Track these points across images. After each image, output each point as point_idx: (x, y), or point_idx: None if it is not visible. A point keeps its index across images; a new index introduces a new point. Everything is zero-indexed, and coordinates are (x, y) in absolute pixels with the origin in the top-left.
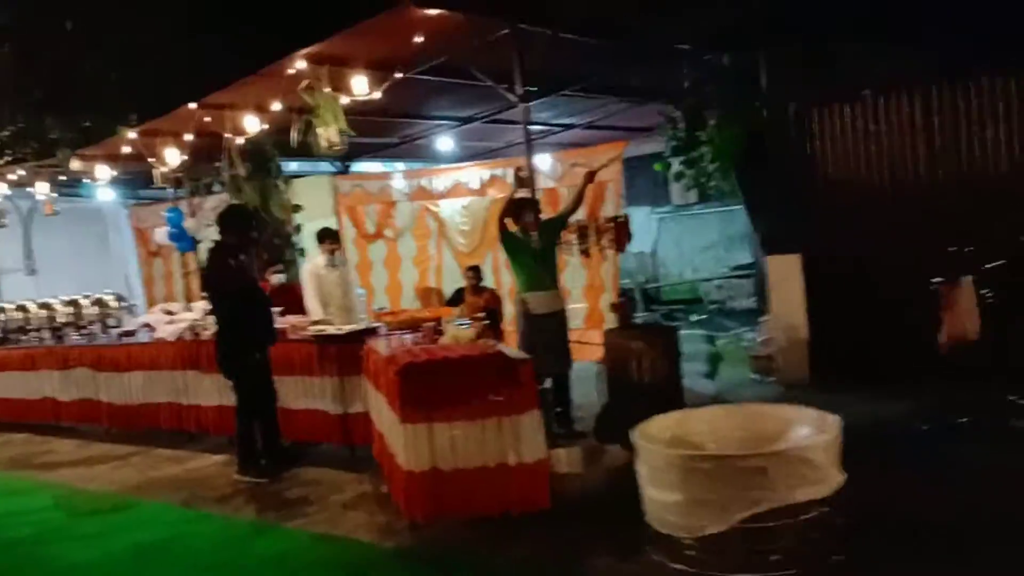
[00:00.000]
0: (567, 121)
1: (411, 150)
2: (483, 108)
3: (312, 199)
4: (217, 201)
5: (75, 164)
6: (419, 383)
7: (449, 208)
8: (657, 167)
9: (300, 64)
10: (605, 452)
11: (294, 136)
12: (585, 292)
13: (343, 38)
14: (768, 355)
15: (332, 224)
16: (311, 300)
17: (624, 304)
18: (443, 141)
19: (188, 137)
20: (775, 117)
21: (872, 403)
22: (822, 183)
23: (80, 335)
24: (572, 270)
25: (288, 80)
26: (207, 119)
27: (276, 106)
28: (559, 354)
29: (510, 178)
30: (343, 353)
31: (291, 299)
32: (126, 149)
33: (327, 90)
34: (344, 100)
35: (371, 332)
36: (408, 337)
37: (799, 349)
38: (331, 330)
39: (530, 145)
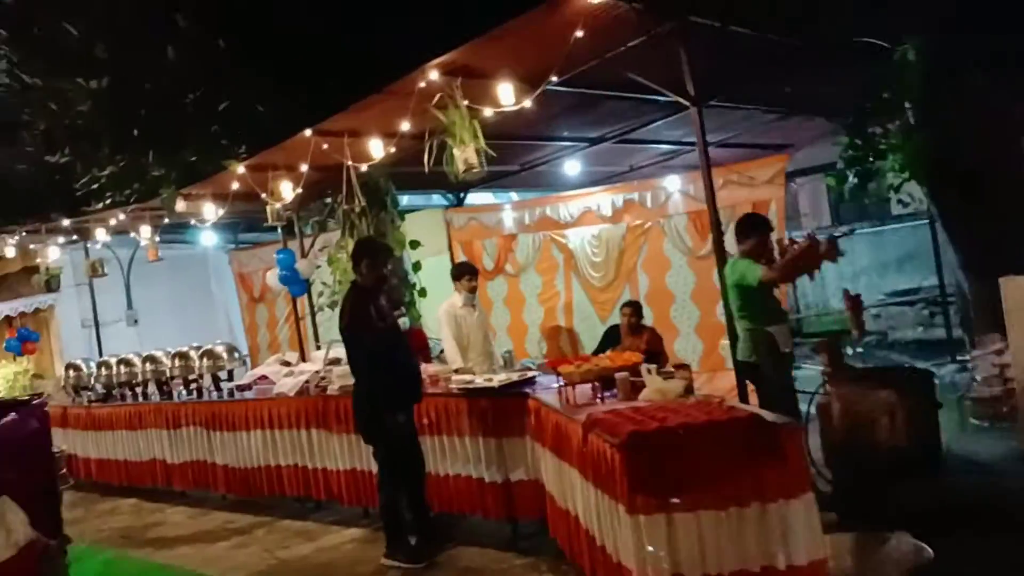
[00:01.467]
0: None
1: (528, 178)
2: (618, 125)
3: (424, 234)
4: (325, 241)
5: (180, 205)
6: (652, 460)
7: (578, 238)
8: (829, 181)
9: (432, 75)
10: (886, 541)
11: (426, 159)
12: None
13: (484, 43)
14: (995, 397)
15: (446, 261)
16: (449, 346)
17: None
18: (570, 165)
19: (303, 168)
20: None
21: None
22: None
23: (190, 390)
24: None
25: (417, 97)
26: (324, 146)
27: (404, 126)
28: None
29: (649, 202)
30: (500, 409)
31: (416, 346)
32: (235, 186)
33: (464, 103)
34: (487, 112)
35: (530, 383)
36: (587, 391)
37: None
38: (479, 381)
39: (706, 154)
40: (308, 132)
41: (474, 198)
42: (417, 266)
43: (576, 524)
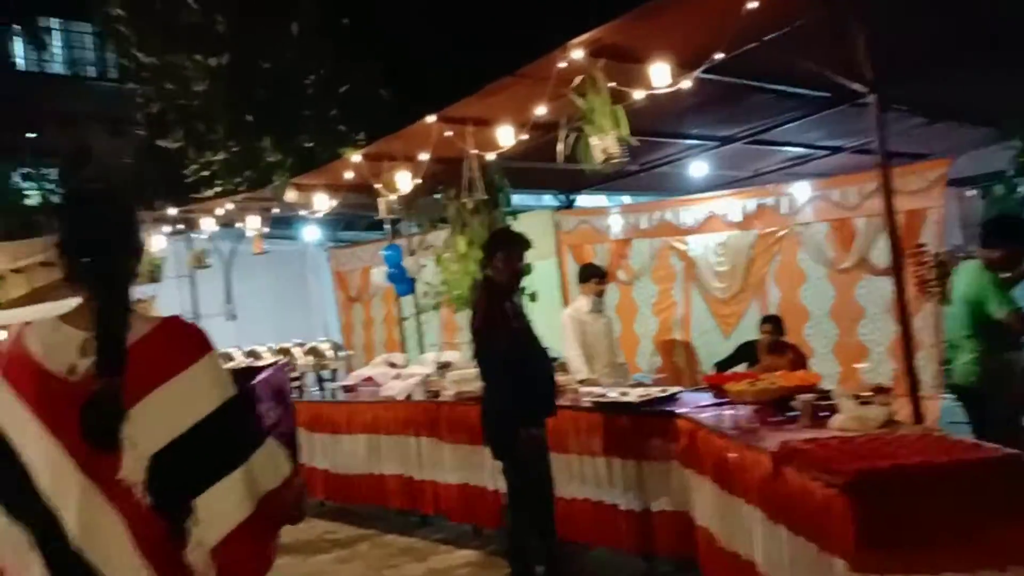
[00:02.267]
0: (834, 143)
1: (646, 180)
2: (753, 123)
3: (532, 237)
4: (432, 239)
5: (291, 195)
6: (888, 506)
7: (701, 245)
8: (998, 189)
9: (575, 55)
10: None
11: (560, 149)
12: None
13: (636, 18)
14: None
15: (553, 265)
16: (574, 354)
17: None
18: (696, 167)
19: (422, 157)
20: None
21: None
22: None
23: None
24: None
25: (555, 80)
26: (448, 134)
27: (540, 111)
28: None
29: (784, 208)
30: (641, 428)
31: None
32: (348, 175)
33: (609, 85)
34: (635, 95)
35: (671, 400)
36: (749, 413)
37: None
38: (612, 394)
39: (885, 148)
40: (431, 118)
41: (585, 200)
42: (528, 268)
43: (753, 572)
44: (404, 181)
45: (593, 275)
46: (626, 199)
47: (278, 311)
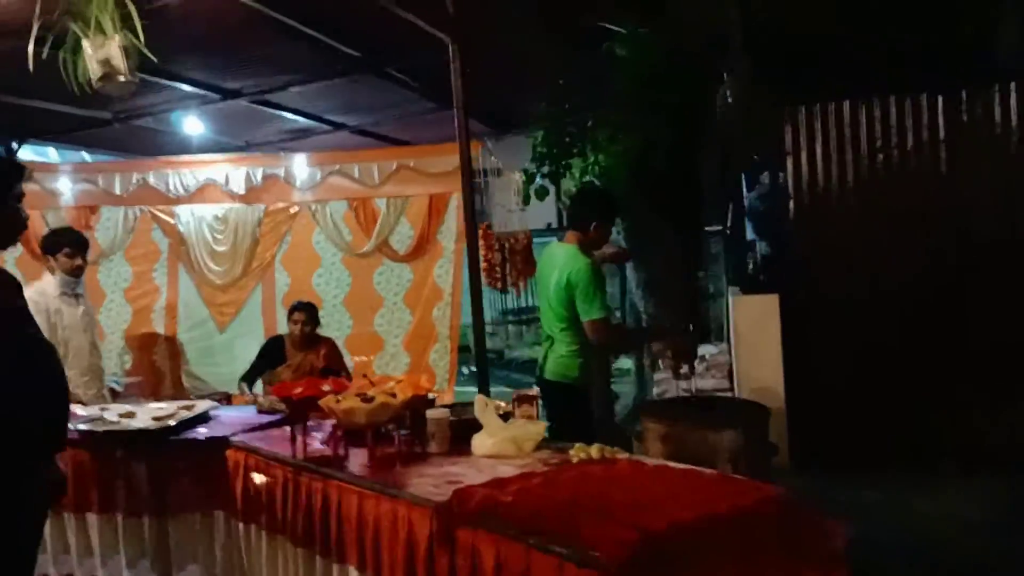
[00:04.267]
0: (338, 118)
1: (120, 136)
2: (266, 78)
3: None
4: None
5: None
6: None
7: (194, 218)
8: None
9: None
10: None
11: (31, 54)
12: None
13: None
14: None
15: None
16: None
17: None
18: (192, 124)
19: None
20: None
21: None
22: None
23: None
24: None
25: None
26: None
27: None
28: None
29: (298, 181)
30: (169, 467)
31: None
32: None
33: None
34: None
35: (204, 421)
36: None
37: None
38: (112, 416)
39: (466, 116)
40: None
41: (31, 153)
42: None
43: None
44: None
45: (66, 243)
46: (87, 157)
47: None
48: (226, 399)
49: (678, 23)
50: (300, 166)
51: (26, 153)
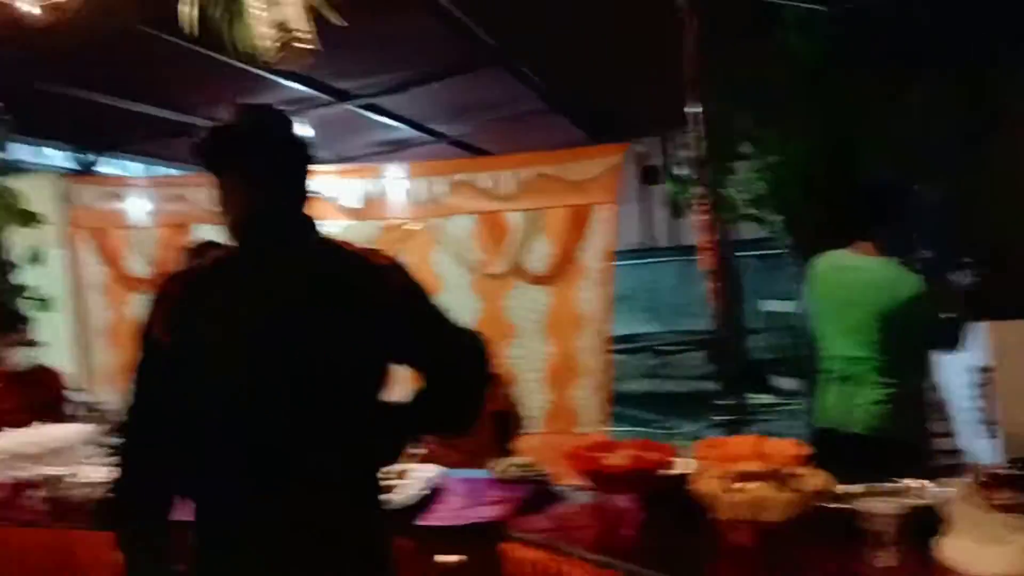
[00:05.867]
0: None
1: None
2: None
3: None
4: None
5: None
6: None
7: None
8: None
9: None
10: None
11: (188, 15)
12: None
13: None
14: None
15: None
16: None
17: None
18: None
19: None
20: None
21: None
22: None
23: None
24: None
25: None
26: None
27: None
28: None
29: (424, 194)
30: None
31: (47, 396)
32: None
33: None
34: None
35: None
36: None
37: None
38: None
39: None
40: None
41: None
42: (38, 257)
43: None
44: None
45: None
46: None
47: None
48: None
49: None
50: (417, 177)
51: (106, 166)
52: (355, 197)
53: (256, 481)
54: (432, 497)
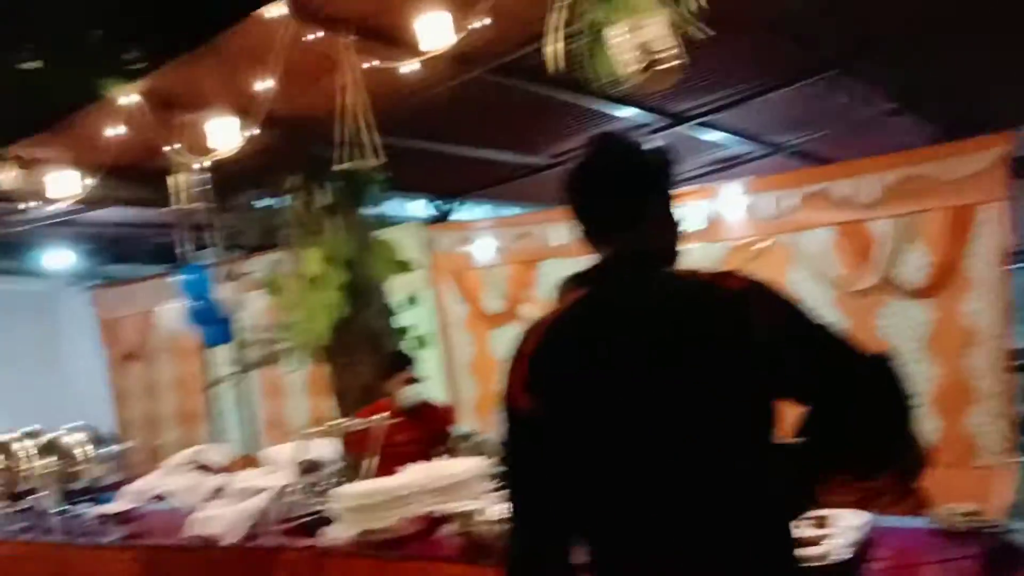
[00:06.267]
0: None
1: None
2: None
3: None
4: (266, 261)
5: (8, 174)
6: None
7: None
8: None
9: None
10: None
11: (553, 52)
12: None
13: None
14: None
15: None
16: None
17: None
18: None
19: (263, 86)
20: None
21: None
22: None
23: (19, 513)
24: None
25: None
26: (310, 37)
27: None
28: None
29: (768, 210)
30: None
31: (433, 431)
32: (116, 131)
33: None
34: None
35: None
36: None
37: None
38: None
39: None
40: (279, 7)
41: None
42: (412, 302)
43: None
44: (223, 135)
45: None
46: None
47: (6, 382)
48: None
49: None
50: (759, 191)
51: (460, 212)
52: (697, 219)
53: (656, 548)
54: (863, 550)
